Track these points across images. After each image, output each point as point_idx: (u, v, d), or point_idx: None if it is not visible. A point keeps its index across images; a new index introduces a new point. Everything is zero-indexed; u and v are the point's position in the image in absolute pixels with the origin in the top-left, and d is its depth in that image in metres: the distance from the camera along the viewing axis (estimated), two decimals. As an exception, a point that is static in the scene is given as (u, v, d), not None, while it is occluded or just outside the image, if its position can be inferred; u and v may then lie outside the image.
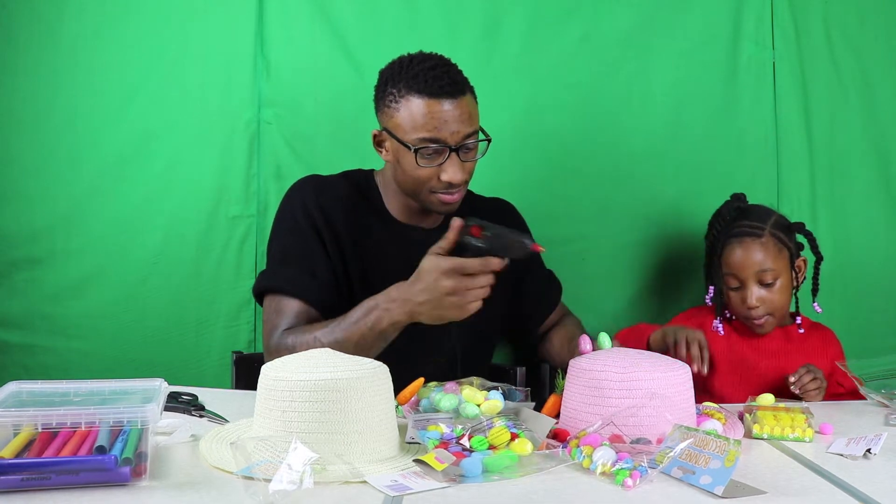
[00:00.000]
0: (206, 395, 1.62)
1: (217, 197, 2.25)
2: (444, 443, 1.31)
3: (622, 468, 1.22)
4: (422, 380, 1.59)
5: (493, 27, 2.31)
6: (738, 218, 2.00)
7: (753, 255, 1.93)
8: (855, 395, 1.88)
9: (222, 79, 2.25)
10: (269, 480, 1.13)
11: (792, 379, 1.77)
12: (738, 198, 2.06)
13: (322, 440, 1.24)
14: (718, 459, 1.21)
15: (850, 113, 2.37)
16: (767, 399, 1.62)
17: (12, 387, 1.30)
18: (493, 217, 1.97)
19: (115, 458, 1.15)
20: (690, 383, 1.44)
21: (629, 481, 1.20)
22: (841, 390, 1.96)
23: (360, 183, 1.94)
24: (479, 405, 1.46)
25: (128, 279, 2.23)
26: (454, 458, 1.24)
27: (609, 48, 2.33)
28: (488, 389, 1.54)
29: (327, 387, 1.25)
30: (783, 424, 1.49)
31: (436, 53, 1.83)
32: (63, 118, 2.22)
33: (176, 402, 1.57)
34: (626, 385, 1.37)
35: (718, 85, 2.35)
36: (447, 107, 1.74)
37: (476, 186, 2.25)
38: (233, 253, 2.25)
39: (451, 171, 1.76)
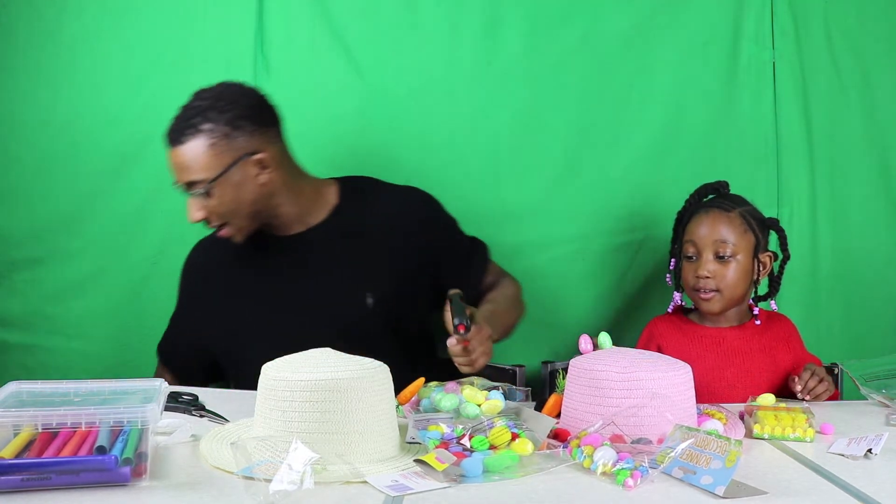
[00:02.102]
0: (206, 395, 1.62)
1: (217, 197, 2.25)
2: (444, 443, 1.31)
3: (623, 468, 1.22)
4: (422, 380, 1.60)
5: (493, 27, 2.30)
6: (713, 197, 2.02)
7: (716, 226, 1.92)
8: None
9: (222, 79, 2.24)
10: (269, 480, 1.13)
11: (799, 388, 1.75)
12: (721, 183, 2.05)
13: (322, 440, 1.23)
14: (719, 459, 1.21)
15: (850, 113, 2.37)
16: (768, 399, 1.61)
17: (12, 387, 1.30)
18: (397, 207, 2.01)
19: (116, 458, 1.15)
20: (691, 383, 1.44)
21: (630, 481, 1.20)
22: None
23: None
24: (479, 405, 1.46)
25: (128, 279, 2.23)
26: (455, 458, 1.24)
27: (609, 48, 2.33)
28: (489, 389, 1.54)
29: (328, 387, 1.25)
30: (784, 424, 1.49)
31: (205, 89, 1.88)
32: (63, 118, 2.21)
33: (176, 402, 1.57)
34: (627, 385, 1.37)
35: (718, 85, 2.35)
36: (170, 155, 1.84)
37: (476, 185, 2.27)
38: (233, 253, 2.25)
39: (188, 211, 1.85)
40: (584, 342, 1.63)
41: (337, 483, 1.19)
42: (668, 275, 2.07)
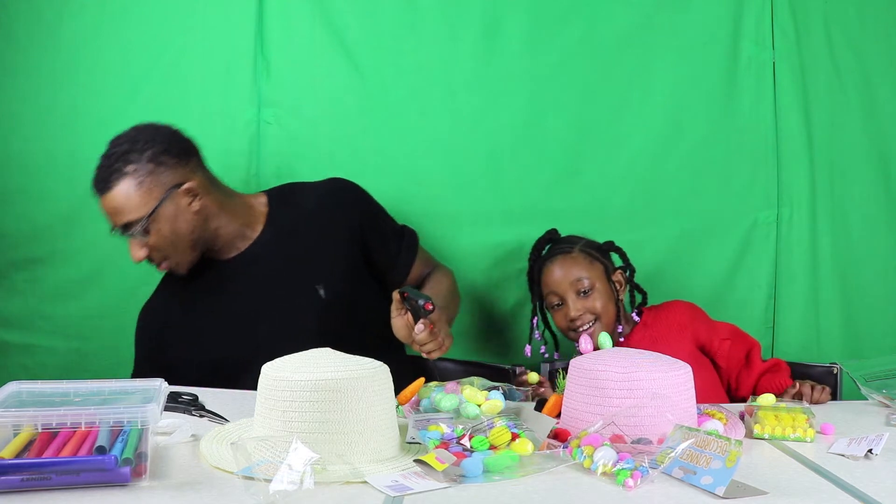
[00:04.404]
0: (206, 395, 1.62)
1: (217, 197, 2.25)
2: (444, 443, 1.31)
3: (623, 468, 1.22)
4: (422, 380, 1.60)
5: (493, 27, 2.30)
6: (550, 245, 2.14)
7: (567, 269, 2.04)
8: (737, 335, 2.06)
9: (222, 79, 2.25)
10: (269, 480, 1.12)
11: (806, 404, 1.76)
12: (551, 232, 2.16)
13: (323, 440, 1.24)
14: (720, 460, 1.21)
15: (850, 113, 2.37)
16: (768, 399, 1.62)
17: (12, 387, 1.30)
18: (322, 197, 2.03)
19: (116, 459, 1.15)
20: (692, 384, 1.44)
21: (630, 481, 1.20)
22: (727, 344, 2.06)
23: None
24: (479, 405, 1.46)
25: (128, 279, 2.23)
26: (455, 458, 1.24)
27: (609, 48, 2.33)
28: (489, 389, 1.54)
29: (328, 387, 1.25)
30: (784, 424, 1.49)
31: (119, 135, 1.90)
32: (63, 118, 2.22)
33: (176, 402, 1.57)
34: (627, 385, 1.37)
35: (718, 85, 2.35)
36: (101, 203, 1.86)
37: (477, 185, 2.26)
38: (232, 253, 2.25)
39: (130, 252, 1.89)
40: (584, 342, 1.63)
41: (337, 483, 1.19)
42: (535, 332, 2.12)
